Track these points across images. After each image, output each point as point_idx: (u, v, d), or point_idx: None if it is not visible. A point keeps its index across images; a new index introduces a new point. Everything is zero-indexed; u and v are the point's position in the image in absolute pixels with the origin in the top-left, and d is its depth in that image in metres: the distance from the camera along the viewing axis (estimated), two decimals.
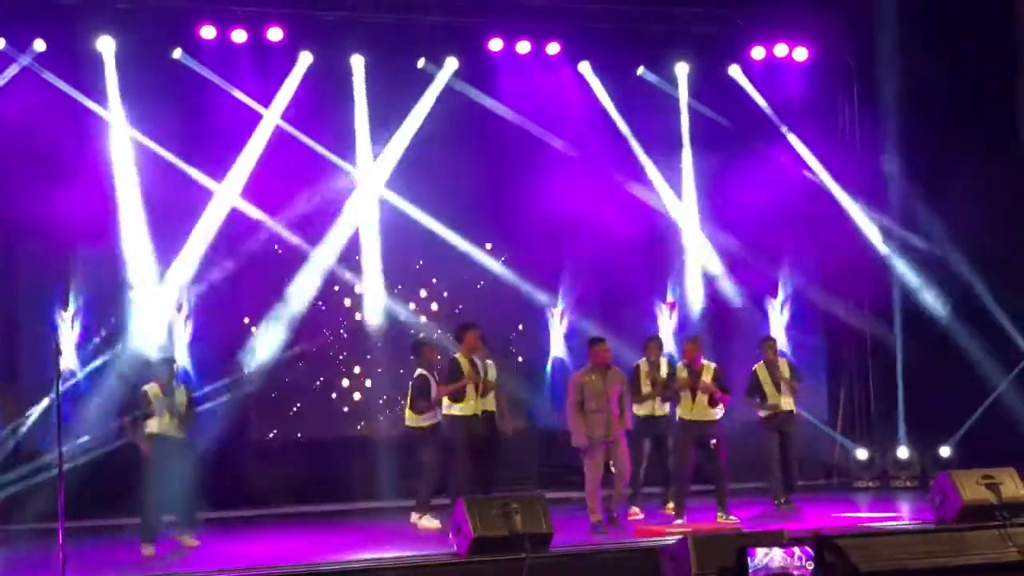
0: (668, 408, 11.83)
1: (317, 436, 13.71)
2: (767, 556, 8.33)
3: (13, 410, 12.41)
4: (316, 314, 13.67)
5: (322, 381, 13.84)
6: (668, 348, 13.28)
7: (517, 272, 14.27)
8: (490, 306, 14.30)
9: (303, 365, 13.63)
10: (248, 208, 13.28)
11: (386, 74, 13.64)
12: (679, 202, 14.57)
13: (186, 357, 12.97)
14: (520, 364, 14.35)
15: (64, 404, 10.45)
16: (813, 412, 14.20)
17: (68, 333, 12.67)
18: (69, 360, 12.49)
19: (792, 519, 11.03)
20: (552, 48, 14.03)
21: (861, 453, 14.35)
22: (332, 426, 13.83)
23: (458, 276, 14.33)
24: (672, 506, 11.67)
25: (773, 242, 14.68)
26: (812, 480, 13.93)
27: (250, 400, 13.29)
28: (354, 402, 13.94)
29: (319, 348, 13.75)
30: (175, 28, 12.98)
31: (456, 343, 11.53)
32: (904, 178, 13.88)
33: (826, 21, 14.42)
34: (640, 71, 14.42)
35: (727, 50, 14.55)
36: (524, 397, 13.78)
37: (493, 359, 11.56)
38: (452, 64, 13.86)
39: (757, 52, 14.59)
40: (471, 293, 14.36)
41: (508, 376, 12.24)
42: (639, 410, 11.59)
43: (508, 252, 14.40)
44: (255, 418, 13.47)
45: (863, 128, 14.80)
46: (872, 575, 8.74)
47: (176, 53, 12.99)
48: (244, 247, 13.25)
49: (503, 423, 11.34)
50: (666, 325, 14.54)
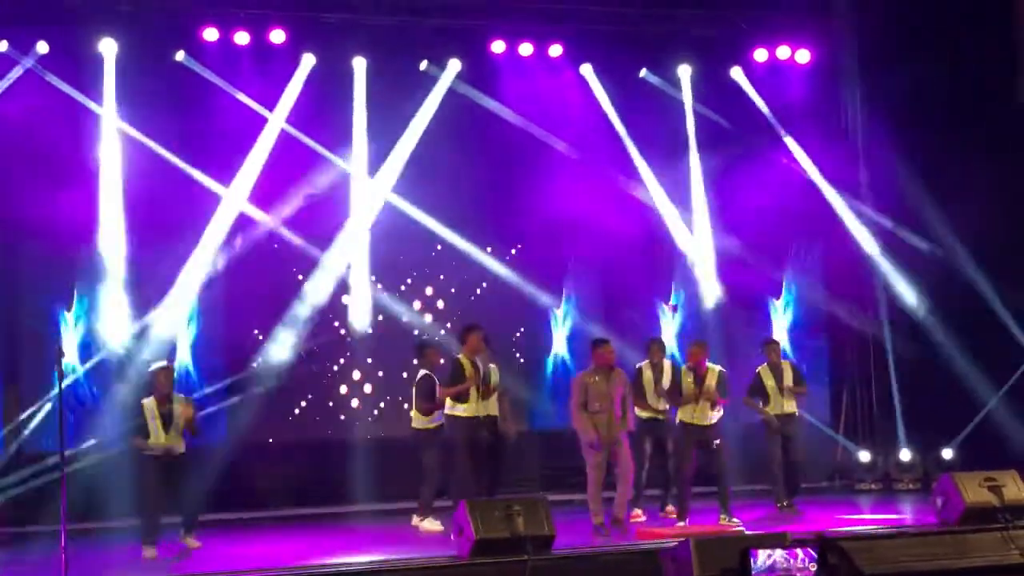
0: (669, 410, 11.83)
1: (319, 438, 13.70)
2: (770, 558, 8.33)
3: (14, 415, 12.42)
4: (317, 315, 13.67)
5: (324, 382, 13.84)
6: (670, 349, 13.30)
7: (519, 273, 14.29)
8: (492, 307, 14.31)
9: (305, 366, 13.63)
10: (250, 209, 13.28)
11: (388, 76, 13.64)
12: (681, 204, 14.56)
13: (189, 359, 12.99)
14: (522, 365, 14.33)
15: (67, 406, 10.45)
16: (815, 414, 14.22)
17: (71, 335, 12.68)
18: (72, 362, 12.50)
19: (794, 521, 11.02)
20: (554, 50, 14.03)
21: (863, 455, 14.35)
22: (333, 428, 13.82)
23: (460, 277, 14.33)
24: (670, 508, 11.68)
25: (775, 244, 14.71)
26: (814, 483, 13.91)
27: (251, 402, 13.29)
28: (356, 404, 13.94)
29: (321, 349, 13.76)
30: (178, 30, 12.99)
31: (459, 345, 11.54)
32: (906, 179, 13.85)
33: (828, 23, 14.44)
34: (642, 73, 14.43)
35: (729, 52, 14.54)
36: (526, 398, 13.78)
37: (496, 362, 11.57)
38: (455, 66, 13.86)
39: (759, 54, 14.59)
40: (473, 294, 14.37)
41: (510, 377, 12.20)
42: (640, 412, 11.58)
43: (510, 253, 14.42)
44: (256, 420, 13.44)
45: (865, 130, 14.79)
46: None
47: (179, 55, 13.00)
48: (246, 248, 13.27)
49: (505, 426, 11.33)
50: (668, 326, 14.54)
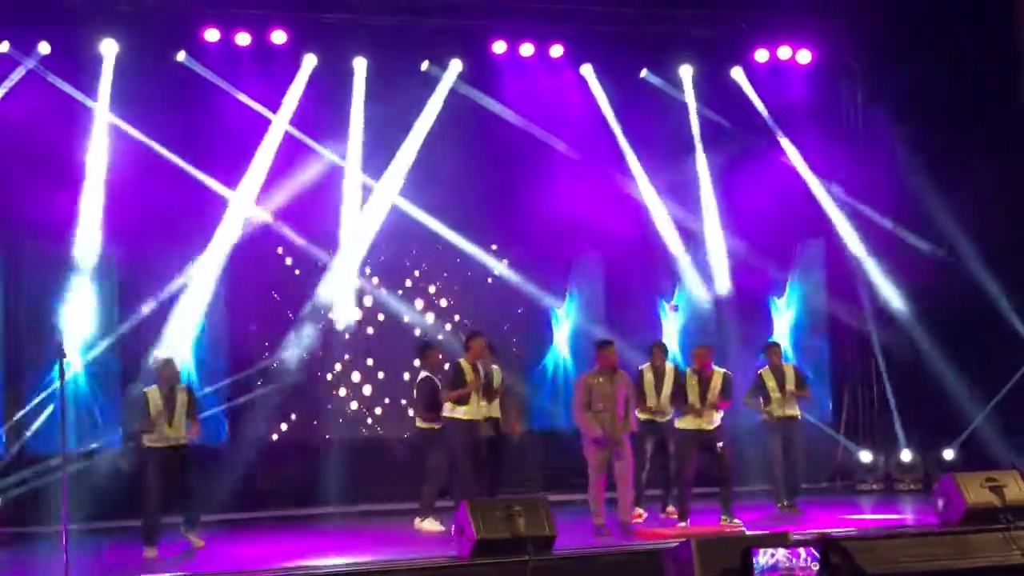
0: (672, 412, 11.82)
1: (319, 438, 13.71)
2: (772, 557, 8.32)
3: (15, 415, 12.42)
4: (319, 316, 13.69)
5: (325, 384, 13.83)
6: (672, 351, 13.29)
7: (521, 274, 14.30)
8: (493, 307, 14.35)
9: (306, 367, 13.64)
10: (253, 210, 13.28)
11: (389, 77, 13.62)
12: (682, 204, 14.54)
13: (191, 359, 12.98)
14: (524, 366, 14.33)
15: (69, 406, 10.46)
16: (817, 415, 14.20)
17: (73, 335, 12.68)
18: (73, 362, 12.50)
19: (796, 522, 11.01)
20: (555, 50, 14.02)
21: (865, 456, 14.34)
22: (334, 428, 13.82)
23: (462, 277, 14.34)
24: (671, 509, 11.68)
25: (776, 244, 14.71)
26: (815, 483, 13.90)
27: (252, 403, 13.30)
28: (357, 405, 13.94)
29: (324, 350, 13.77)
30: (179, 31, 12.98)
31: (463, 350, 11.58)
32: (907, 180, 13.83)
33: (829, 23, 14.42)
34: (643, 74, 14.42)
35: (730, 53, 14.52)
36: (528, 399, 13.78)
37: (499, 363, 11.57)
38: (456, 66, 13.85)
39: (760, 55, 14.57)
40: (475, 295, 14.37)
41: (512, 378, 12.22)
42: (641, 414, 11.57)
43: (512, 254, 14.42)
44: (257, 420, 13.45)
45: (867, 130, 14.78)
46: None
47: (180, 56, 13.00)
48: (248, 250, 13.28)
49: (511, 425, 11.33)
50: (669, 326, 14.53)
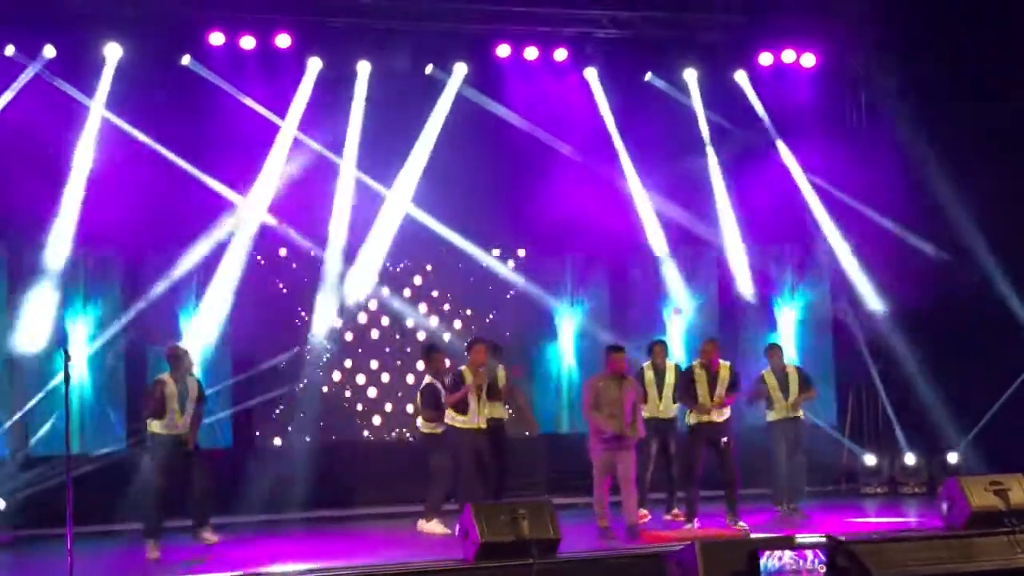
0: (675, 411, 11.84)
1: (324, 441, 13.71)
2: (778, 560, 8.33)
3: (20, 434, 12.45)
4: (323, 316, 13.72)
5: (329, 385, 13.85)
6: (674, 352, 13.29)
7: (526, 276, 14.33)
8: (498, 310, 14.36)
9: (309, 369, 13.67)
10: (258, 213, 13.31)
11: (394, 80, 13.65)
12: (686, 206, 14.53)
13: (196, 361, 13.00)
14: (528, 368, 14.32)
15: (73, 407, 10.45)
16: (821, 417, 14.20)
17: (79, 338, 12.70)
18: (79, 365, 12.52)
19: (801, 525, 11.01)
20: (560, 54, 14.04)
21: (869, 459, 14.33)
22: (339, 431, 13.84)
23: (466, 281, 14.36)
24: (676, 512, 11.68)
25: (781, 247, 14.73)
26: (820, 486, 13.89)
27: (257, 406, 13.32)
28: (360, 407, 13.95)
29: (329, 351, 13.79)
30: (184, 35, 13.01)
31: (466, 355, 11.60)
32: (911, 181, 13.83)
33: (833, 27, 14.42)
34: (648, 77, 14.43)
35: (734, 56, 14.54)
36: (532, 401, 13.76)
37: (504, 364, 11.57)
38: (460, 70, 13.88)
39: (765, 58, 14.59)
40: (479, 298, 14.40)
41: (516, 380, 12.23)
42: (643, 412, 11.55)
43: (517, 257, 14.45)
44: (260, 423, 13.47)
45: (871, 133, 14.79)
46: None
47: (185, 59, 13.03)
48: (254, 253, 13.31)
49: (524, 422, 11.54)
50: (673, 329, 14.53)
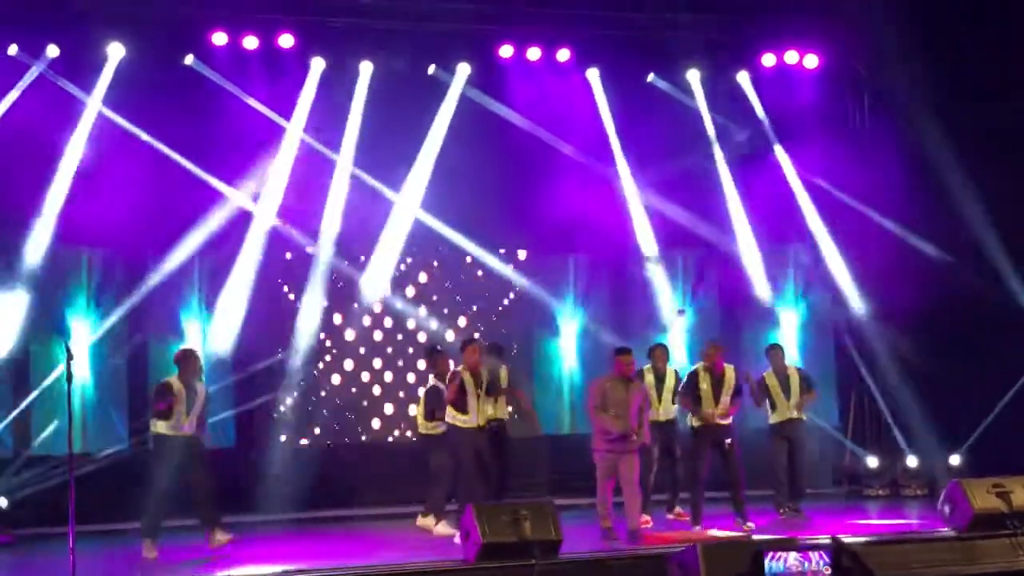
0: (675, 413, 11.83)
1: (325, 441, 13.73)
2: (783, 561, 8.32)
3: (23, 416, 12.46)
4: (324, 318, 13.74)
5: (331, 385, 13.86)
6: (676, 353, 13.29)
7: (528, 277, 14.33)
8: (501, 311, 14.36)
9: (312, 369, 13.68)
10: (262, 213, 13.33)
11: (396, 81, 13.65)
12: (689, 207, 14.53)
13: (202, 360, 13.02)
14: (531, 369, 14.35)
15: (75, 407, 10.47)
16: (823, 419, 14.19)
17: (82, 337, 12.71)
18: (81, 365, 12.53)
19: (803, 526, 11.00)
20: (562, 55, 14.04)
21: (871, 461, 14.32)
22: (341, 431, 13.85)
23: (468, 281, 14.37)
24: (679, 511, 11.67)
25: (782, 248, 14.73)
26: (822, 488, 13.88)
27: (260, 405, 13.33)
28: (363, 407, 13.96)
29: (332, 353, 13.79)
30: (187, 34, 13.01)
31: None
32: (913, 183, 13.82)
33: (836, 28, 14.40)
34: (650, 78, 14.43)
35: (737, 57, 14.54)
36: (534, 402, 13.76)
37: (506, 363, 11.57)
38: (463, 71, 13.87)
39: (767, 59, 14.59)
40: (480, 297, 14.41)
41: (520, 382, 12.25)
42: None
43: (519, 257, 14.46)
44: (263, 424, 13.47)
45: (873, 134, 14.78)
46: None
47: (188, 59, 13.04)
48: (253, 251, 13.31)
49: (528, 423, 11.48)
50: (676, 330, 14.52)
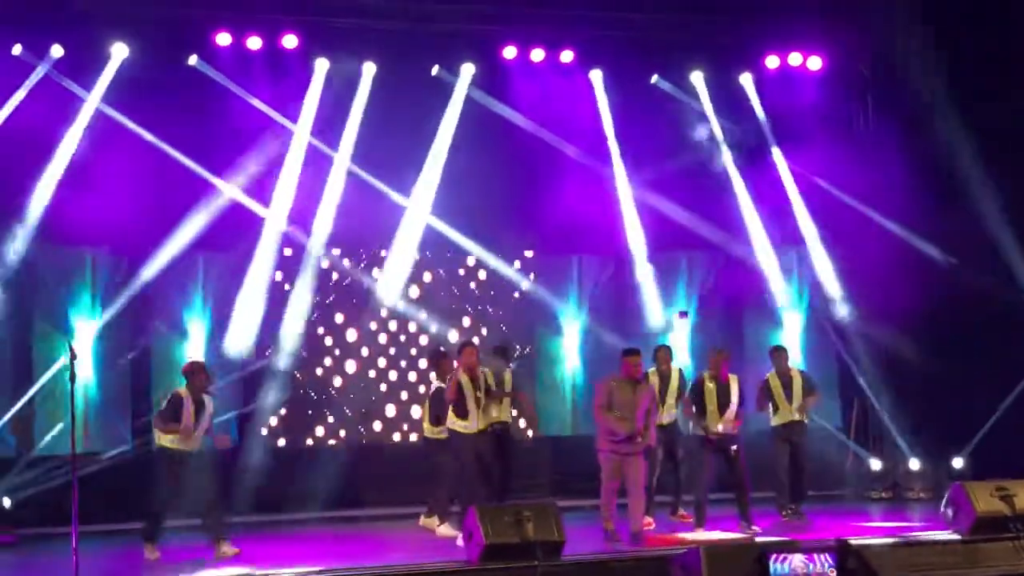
0: (675, 414, 11.82)
1: (329, 442, 13.73)
2: (787, 563, 8.31)
3: (26, 416, 12.47)
4: (328, 318, 13.74)
5: (335, 387, 13.87)
6: (678, 355, 13.29)
7: (532, 278, 14.33)
8: (504, 311, 14.36)
9: (314, 369, 13.69)
10: (260, 210, 13.34)
11: (399, 81, 13.66)
12: (691, 208, 14.53)
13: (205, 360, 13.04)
14: (534, 371, 14.34)
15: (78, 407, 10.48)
16: (826, 421, 14.18)
17: (85, 337, 12.72)
18: (86, 365, 12.54)
19: (806, 529, 11.00)
20: (566, 56, 14.05)
21: (874, 463, 14.31)
22: (344, 431, 13.85)
23: (471, 281, 14.37)
24: (682, 513, 11.66)
25: (785, 250, 14.74)
26: (825, 490, 13.87)
27: (262, 407, 13.34)
28: (367, 408, 13.96)
29: (334, 355, 13.80)
30: (191, 35, 13.04)
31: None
32: (916, 185, 13.82)
33: (839, 30, 14.42)
34: (654, 79, 14.43)
35: (740, 59, 14.55)
36: (536, 402, 13.77)
37: (510, 367, 11.56)
38: (467, 71, 13.87)
39: (771, 61, 14.59)
40: (484, 298, 14.40)
41: (522, 383, 12.25)
42: None
43: (523, 258, 14.47)
44: (265, 425, 13.48)
45: (878, 136, 14.78)
46: None
47: (192, 60, 13.05)
48: (255, 253, 13.31)
49: (528, 422, 11.36)
50: (679, 332, 14.52)
